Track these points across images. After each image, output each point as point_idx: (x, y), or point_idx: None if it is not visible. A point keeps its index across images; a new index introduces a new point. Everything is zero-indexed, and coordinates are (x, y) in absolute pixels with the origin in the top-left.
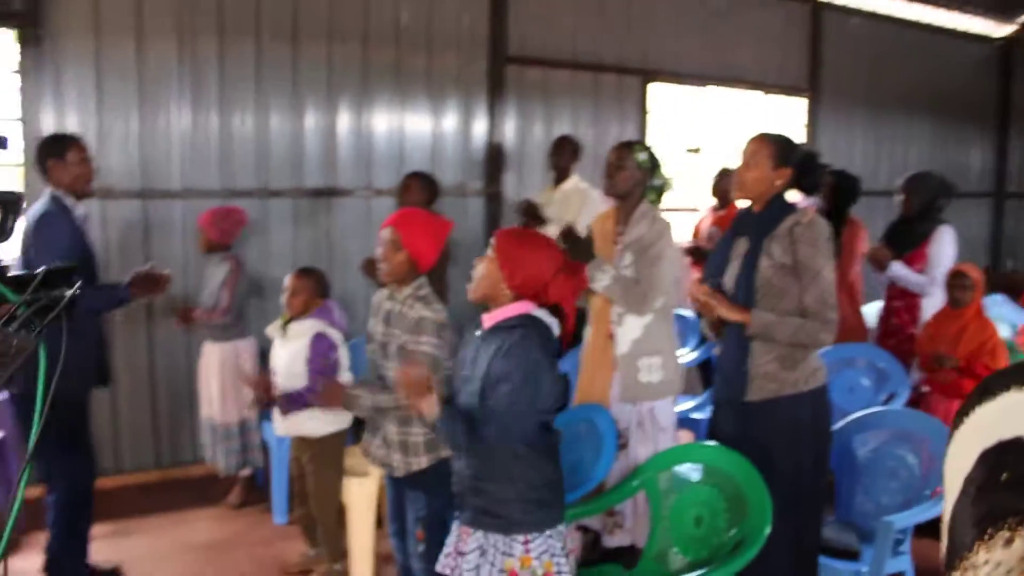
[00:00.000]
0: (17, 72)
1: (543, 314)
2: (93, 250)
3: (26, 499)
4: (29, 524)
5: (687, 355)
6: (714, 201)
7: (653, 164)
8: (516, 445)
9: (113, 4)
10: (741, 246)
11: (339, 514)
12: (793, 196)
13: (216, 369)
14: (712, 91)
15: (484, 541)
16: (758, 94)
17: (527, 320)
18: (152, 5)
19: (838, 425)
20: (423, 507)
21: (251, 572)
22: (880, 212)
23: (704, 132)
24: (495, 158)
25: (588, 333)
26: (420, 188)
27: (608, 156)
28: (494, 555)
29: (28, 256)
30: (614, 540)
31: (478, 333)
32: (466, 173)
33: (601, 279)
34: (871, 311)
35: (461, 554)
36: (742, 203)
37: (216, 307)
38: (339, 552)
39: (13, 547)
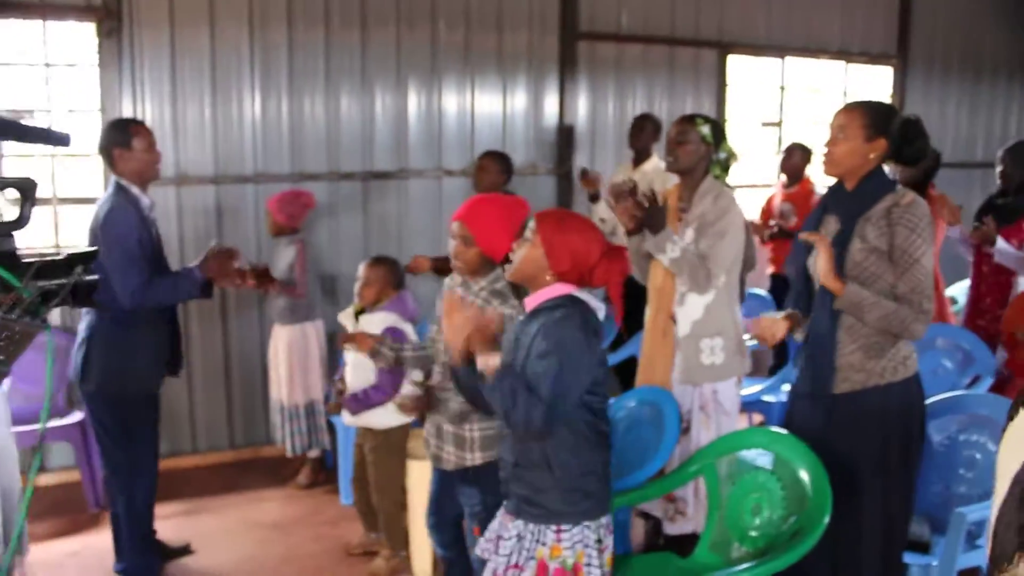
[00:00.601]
0: (96, 64)
1: (586, 295)
2: (160, 241)
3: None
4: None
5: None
6: (783, 177)
7: (717, 137)
8: (557, 429)
9: None
10: (831, 225)
11: (401, 502)
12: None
13: (284, 351)
14: (792, 62)
15: (523, 529)
16: (841, 64)
17: (569, 300)
18: None
19: None
20: (478, 503)
21: (315, 552)
22: (978, 185)
23: (784, 105)
24: (566, 137)
25: (648, 314)
26: (495, 168)
27: (669, 131)
28: (530, 541)
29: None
30: (675, 527)
31: (519, 317)
32: (537, 153)
33: (671, 250)
34: (957, 292)
35: (500, 539)
36: (820, 179)
37: (291, 287)
38: (401, 540)
39: (91, 524)
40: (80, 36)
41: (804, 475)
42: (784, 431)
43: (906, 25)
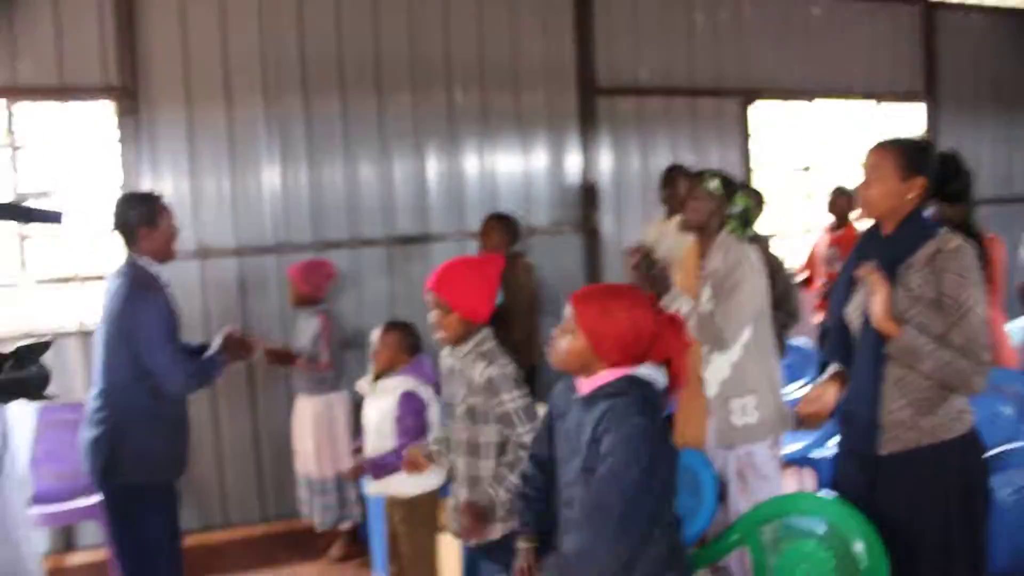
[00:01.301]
0: (117, 141)
1: (646, 371)
2: (179, 320)
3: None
4: None
5: (799, 389)
6: (830, 220)
7: (728, 191)
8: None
9: (202, 72)
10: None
11: (434, 573)
12: None
13: (310, 423)
14: (820, 105)
15: None
16: (870, 104)
17: (630, 383)
18: (238, 69)
19: None
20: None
21: None
22: (1018, 220)
23: (814, 149)
24: (590, 194)
25: None
26: (500, 229)
27: (680, 187)
28: None
29: (123, 341)
30: None
31: (575, 397)
32: (560, 211)
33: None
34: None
35: None
36: (863, 222)
37: (316, 361)
38: None
39: None
40: (100, 116)
41: (858, 546)
42: (833, 496)
43: (932, 62)
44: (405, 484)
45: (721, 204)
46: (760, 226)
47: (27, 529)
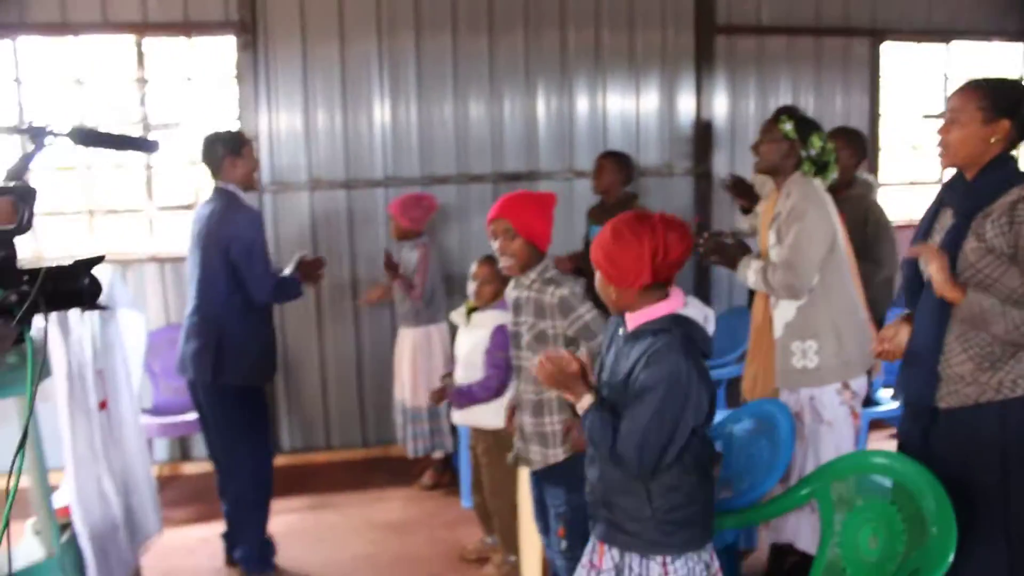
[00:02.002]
0: (235, 76)
1: (694, 310)
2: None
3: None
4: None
5: None
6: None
7: (804, 133)
8: (643, 473)
9: (318, 8)
10: (945, 220)
11: (515, 506)
12: None
13: (408, 353)
14: (958, 47)
15: (620, 561)
16: (1020, 47)
17: (674, 322)
18: (353, 6)
19: None
20: (562, 503)
21: (428, 555)
22: None
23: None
24: (703, 135)
25: (752, 320)
26: (613, 168)
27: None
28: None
29: (229, 254)
30: (769, 535)
31: (621, 332)
32: (672, 152)
33: (749, 277)
34: None
35: (595, 568)
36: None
37: (411, 288)
38: (513, 544)
39: (202, 517)
40: (220, 51)
41: (928, 506)
42: (909, 458)
43: None
44: (488, 416)
45: (794, 146)
46: (868, 173)
47: (139, 436)
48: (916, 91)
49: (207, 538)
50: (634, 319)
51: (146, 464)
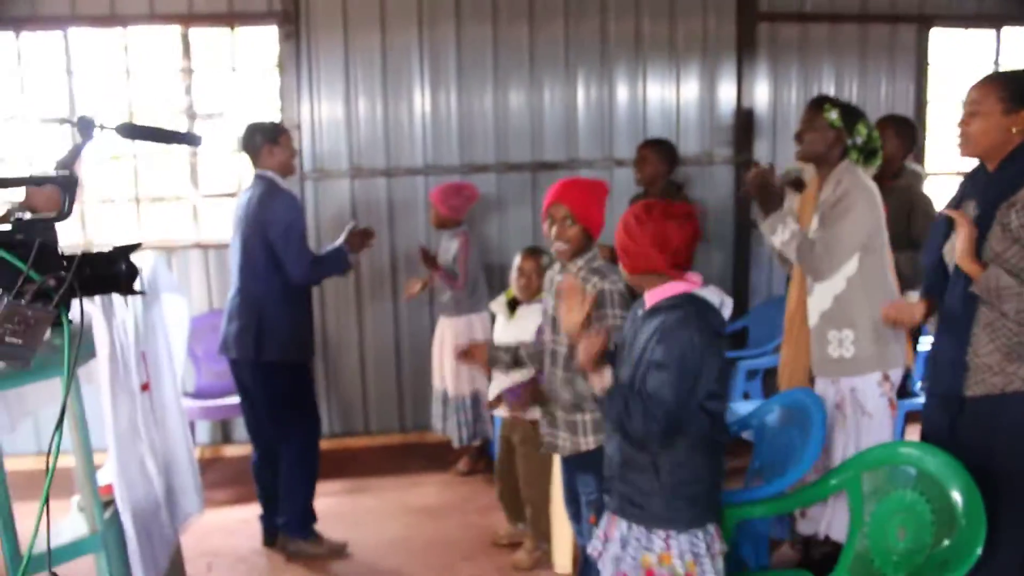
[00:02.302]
0: (276, 67)
1: (708, 292)
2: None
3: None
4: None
5: None
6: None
7: (849, 121)
8: (664, 441)
9: None
10: (969, 211)
11: (548, 495)
12: None
13: (450, 343)
14: (1011, 34)
15: (627, 533)
16: None
17: (688, 300)
18: None
19: None
20: (593, 491)
21: (461, 539)
22: None
23: None
24: (745, 124)
25: (787, 308)
26: (655, 158)
27: (801, 117)
28: (635, 548)
29: (267, 235)
30: (804, 524)
31: (640, 312)
32: (713, 140)
33: (781, 232)
34: None
35: (607, 538)
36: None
37: (453, 278)
38: (545, 532)
39: (243, 499)
40: (263, 41)
41: (957, 498)
42: (939, 449)
43: None
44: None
45: (840, 135)
46: (916, 163)
47: (180, 418)
48: (965, 79)
49: (247, 519)
50: (651, 297)
51: (188, 445)
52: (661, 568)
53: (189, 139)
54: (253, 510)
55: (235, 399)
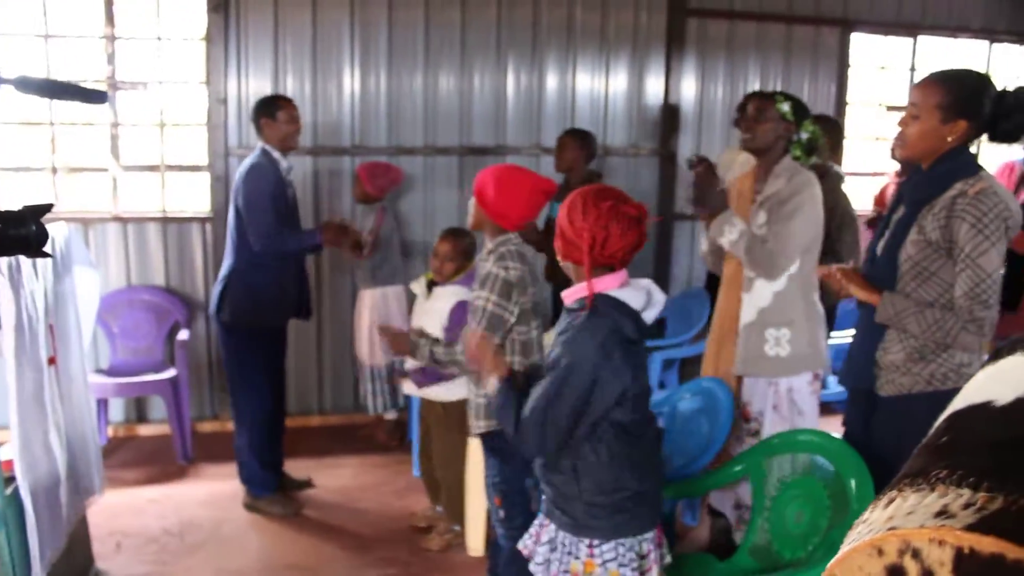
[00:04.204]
0: (203, 40)
1: (631, 292)
2: (293, 199)
3: (196, 432)
4: (197, 455)
5: None
6: (897, 165)
7: (798, 116)
8: (542, 449)
9: None
10: (900, 212)
11: (461, 476)
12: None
13: (367, 313)
14: (926, 42)
15: (555, 536)
16: (983, 44)
17: (601, 302)
18: None
19: None
20: (496, 473)
21: (376, 521)
22: None
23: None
24: (670, 118)
25: (719, 303)
26: (575, 145)
27: (748, 107)
28: (562, 554)
29: (237, 202)
30: (716, 498)
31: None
32: (639, 133)
33: (728, 232)
34: None
35: (537, 539)
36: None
37: (360, 250)
38: (459, 514)
39: (178, 475)
40: (190, 11)
41: (851, 484)
42: (835, 436)
43: None
44: (440, 389)
45: (788, 129)
46: (837, 164)
47: (86, 394)
48: (881, 83)
49: (157, 499)
50: (567, 295)
51: (92, 423)
52: None
53: (92, 96)
54: (164, 490)
55: (150, 376)
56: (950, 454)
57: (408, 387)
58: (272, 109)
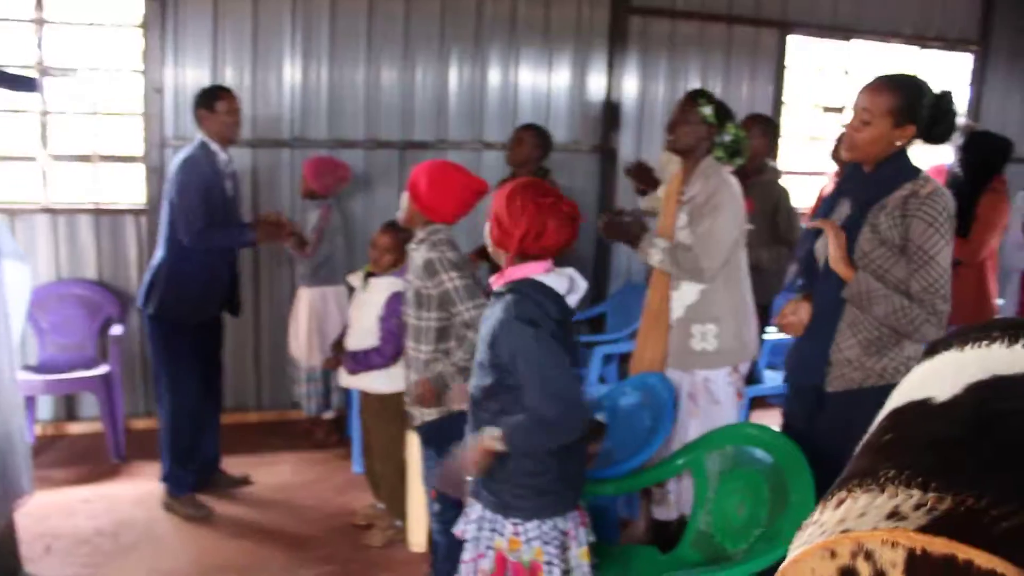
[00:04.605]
0: (140, 26)
1: (555, 278)
2: (231, 194)
3: (130, 429)
4: (131, 453)
5: None
6: (836, 166)
7: (721, 118)
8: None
9: None
10: (843, 209)
11: (401, 470)
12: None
13: (305, 312)
14: (859, 45)
15: (481, 515)
16: (914, 49)
17: (527, 285)
18: None
19: None
20: (433, 465)
21: (314, 518)
22: None
23: (847, 91)
24: (612, 115)
25: (646, 297)
26: (532, 142)
27: (673, 109)
28: (487, 531)
29: (169, 194)
30: (660, 511)
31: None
32: (580, 129)
33: (654, 255)
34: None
35: (467, 519)
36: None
37: (305, 247)
38: (400, 509)
39: (110, 474)
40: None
41: (791, 477)
42: (776, 430)
43: (990, 8)
44: (378, 381)
45: (711, 131)
46: (774, 160)
47: (15, 392)
48: (817, 84)
49: (89, 499)
50: (496, 280)
51: (20, 421)
52: (510, 555)
53: (20, 83)
54: (95, 490)
55: (82, 373)
56: (896, 453)
57: (343, 378)
58: (211, 100)
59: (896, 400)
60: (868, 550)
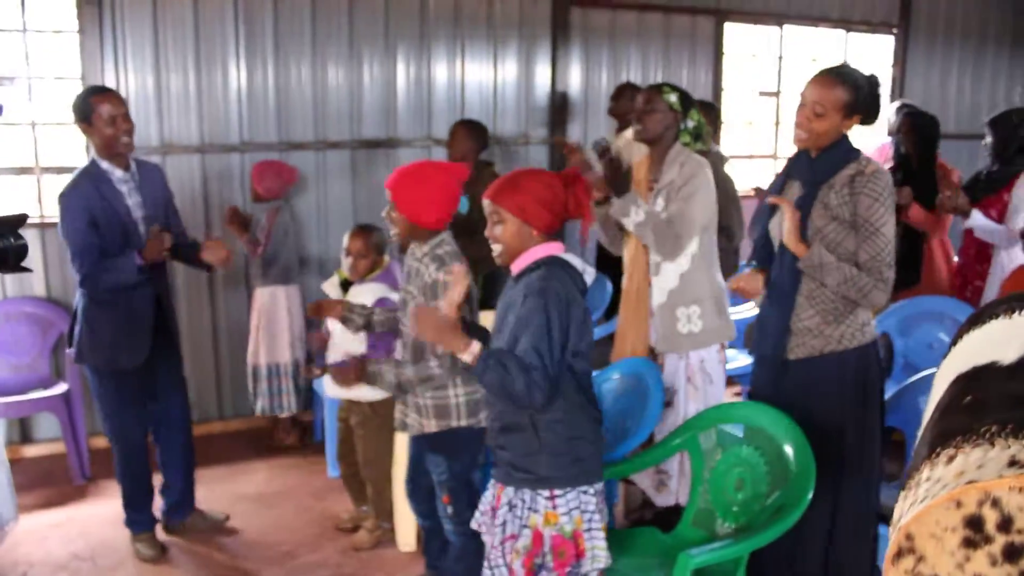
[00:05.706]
0: (77, 32)
1: (573, 257)
2: (142, 213)
3: (92, 448)
4: (95, 472)
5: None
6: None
7: (685, 105)
8: (550, 392)
9: None
10: (793, 191)
11: (389, 475)
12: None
13: (255, 312)
14: (791, 30)
15: (514, 496)
16: (840, 32)
17: (553, 261)
18: None
19: (906, 383)
20: (444, 470)
21: (297, 526)
22: (980, 156)
23: (782, 75)
24: (558, 106)
25: (624, 284)
26: (467, 135)
27: (637, 99)
28: (521, 510)
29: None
30: (661, 499)
31: (509, 283)
32: (529, 122)
33: (635, 215)
34: None
35: (493, 510)
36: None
37: (255, 243)
38: (387, 511)
39: (77, 496)
40: (59, 1)
41: (788, 449)
42: (769, 405)
43: None
44: (366, 389)
45: (677, 117)
46: (717, 145)
47: None
48: (752, 70)
49: (59, 523)
50: (518, 264)
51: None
52: (548, 528)
53: None
54: (64, 513)
55: (38, 393)
56: (988, 411)
57: (331, 389)
58: (86, 111)
59: (958, 366)
60: (995, 497)
